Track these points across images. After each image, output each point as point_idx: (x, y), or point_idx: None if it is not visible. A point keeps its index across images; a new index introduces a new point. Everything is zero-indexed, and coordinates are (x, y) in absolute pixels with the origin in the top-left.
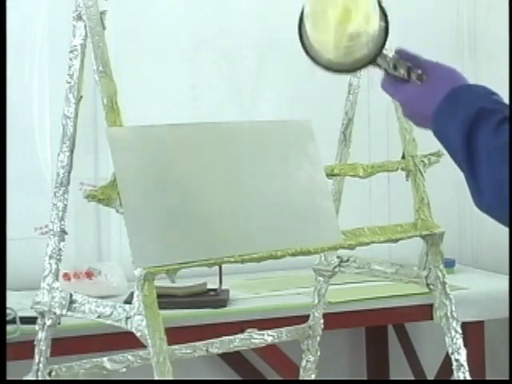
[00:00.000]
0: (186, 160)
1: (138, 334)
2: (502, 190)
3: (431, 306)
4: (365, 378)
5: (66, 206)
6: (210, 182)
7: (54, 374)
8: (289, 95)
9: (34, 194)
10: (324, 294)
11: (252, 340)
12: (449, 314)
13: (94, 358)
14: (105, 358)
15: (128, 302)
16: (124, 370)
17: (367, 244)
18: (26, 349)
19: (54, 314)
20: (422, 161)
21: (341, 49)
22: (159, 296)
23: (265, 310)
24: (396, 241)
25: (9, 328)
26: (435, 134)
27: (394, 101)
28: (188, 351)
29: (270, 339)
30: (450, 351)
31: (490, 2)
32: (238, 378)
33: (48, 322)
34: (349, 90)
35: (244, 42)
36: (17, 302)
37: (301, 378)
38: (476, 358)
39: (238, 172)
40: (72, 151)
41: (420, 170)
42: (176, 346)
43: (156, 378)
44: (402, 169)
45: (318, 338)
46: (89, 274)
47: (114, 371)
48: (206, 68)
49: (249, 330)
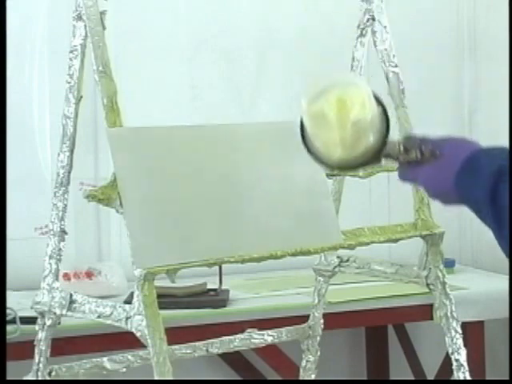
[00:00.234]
0: (186, 160)
1: (138, 334)
2: None
3: (431, 306)
4: (365, 378)
5: (65, 206)
6: (210, 183)
7: (54, 373)
8: (289, 95)
9: (34, 194)
10: (324, 294)
11: (252, 340)
12: (449, 314)
13: (93, 358)
14: (105, 358)
15: (128, 302)
16: (124, 370)
17: (367, 244)
18: (26, 349)
19: (54, 313)
20: None
21: (347, 140)
22: (159, 296)
23: (265, 309)
24: (396, 241)
25: (9, 328)
26: (461, 200)
27: (391, 99)
28: (188, 351)
29: (270, 339)
30: (450, 351)
31: (489, 2)
32: (238, 377)
33: (48, 322)
34: None
35: (244, 42)
36: (17, 302)
37: (301, 378)
38: (476, 358)
39: (237, 172)
40: (72, 151)
41: None
42: (176, 346)
43: (156, 377)
44: None
45: (318, 338)
46: (89, 274)
47: (114, 371)
48: (206, 68)
49: (249, 330)
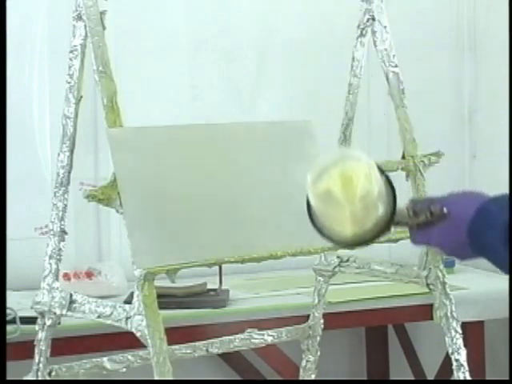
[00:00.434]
0: (186, 160)
1: (138, 334)
2: None
3: (431, 306)
4: (365, 378)
5: (66, 206)
6: (210, 183)
7: (54, 373)
8: (289, 95)
9: (34, 194)
10: (324, 294)
11: (252, 340)
12: (449, 314)
13: (93, 358)
14: (105, 358)
15: (128, 302)
16: (124, 370)
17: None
18: (26, 349)
19: (54, 313)
20: (422, 161)
21: (357, 215)
22: (159, 296)
23: (265, 309)
24: (396, 241)
25: (9, 328)
26: (477, 252)
27: (391, 99)
28: (188, 351)
29: (270, 339)
30: (450, 351)
31: (489, 2)
32: (238, 377)
33: (48, 322)
34: (349, 90)
35: (244, 42)
36: (17, 302)
37: (301, 378)
38: (476, 358)
39: (237, 172)
40: (72, 151)
41: (420, 170)
42: (176, 346)
43: (156, 377)
44: (402, 169)
45: (318, 338)
46: (89, 274)
47: (114, 371)
48: (206, 68)
49: (249, 330)
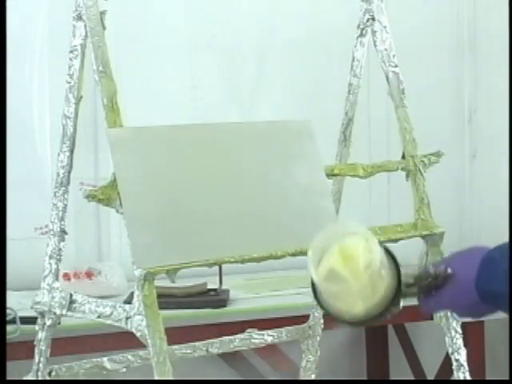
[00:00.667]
0: (186, 160)
1: (138, 334)
2: None
3: None
4: (365, 378)
5: (66, 206)
6: (210, 183)
7: (54, 373)
8: (289, 95)
9: (34, 194)
10: None
11: (252, 340)
12: (449, 314)
13: (93, 358)
14: (105, 358)
15: (128, 302)
16: (124, 370)
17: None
18: (26, 349)
19: (54, 313)
20: (422, 161)
21: (365, 289)
22: (159, 296)
23: (265, 310)
24: (396, 241)
25: (9, 328)
26: (490, 304)
27: (391, 99)
28: (188, 351)
29: (270, 339)
30: (450, 351)
31: (489, 2)
32: (238, 378)
33: (48, 322)
34: (349, 90)
35: (244, 42)
36: (17, 302)
37: (301, 378)
38: (476, 358)
39: (237, 172)
40: (72, 151)
41: (420, 170)
42: (176, 346)
43: (156, 377)
44: (402, 169)
45: (318, 338)
46: (89, 274)
47: (114, 371)
48: (206, 68)
49: (249, 330)
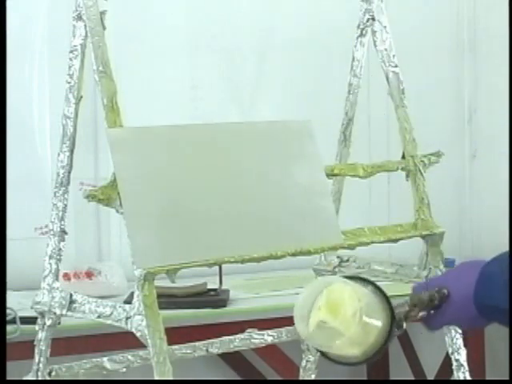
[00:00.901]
0: (186, 160)
1: (138, 334)
2: None
3: None
4: (365, 378)
5: (66, 206)
6: (210, 183)
7: (54, 373)
8: (289, 95)
9: (34, 194)
10: None
11: (252, 340)
12: None
13: (94, 358)
14: (105, 358)
15: (128, 302)
16: (124, 370)
17: (367, 244)
18: (26, 349)
19: (54, 313)
20: (422, 161)
21: (356, 335)
22: (159, 296)
23: (265, 310)
24: (396, 241)
25: (9, 328)
26: (489, 317)
27: (391, 99)
28: (188, 351)
29: (270, 339)
30: (450, 351)
31: (489, 2)
32: (238, 377)
33: (48, 322)
34: (349, 90)
35: (244, 42)
36: (17, 302)
37: (301, 378)
38: (476, 358)
39: (237, 172)
40: (72, 151)
41: (420, 170)
42: (176, 346)
43: (156, 377)
44: (402, 169)
45: None
46: (89, 274)
47: (114, 371)
48: (206, 68)
49: (249, 330)
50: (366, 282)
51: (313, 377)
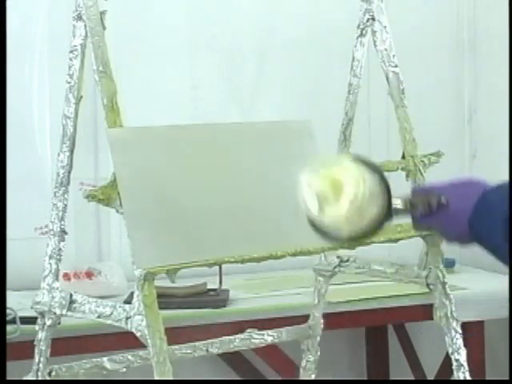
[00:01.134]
0: (186, 160)
1: (138, 334)
2: None
3: (431, 305)
4: (365, 378)
5: (66, 206)
6: (210, 183)
7: (54, 373)
8: (289, 95)
9: (34, 194)
10: (324, 294)
11: (252, 340)
12: (449, 314)
13: (94, 358)
14: (105, 358)
15: (128, 302)
16: (124, 370)
17: (367, 244)
18: (26, 349)
19: (54, 313)
20: (422, 161)
21: (351, 216)
22: (159, 296)
23: (265, 310)
24: (396, 241)
25: (9, 328)
26: (477, 241)
27: (391, 99)
28: (188, 351)
29: (270, 339)
30: (450, 351)
31: (489, 2)
32: (237, 377)
33: (48, 322)
34: (349, 90)
35: (244, 42)
36: (17, 302)
37: (301, 378)
38: (476, 358)
39: (237, 172)
40: (72, 151)
41: (420, 170)
42: (176, 346)
43: (156, 377)
44: (402, 169)
45: (318, 338)
46: (89, 274)
47: (114, 371)
48: (206, 68)
49: (249, 330)
50: (376, 170)
51: (313, 377)
